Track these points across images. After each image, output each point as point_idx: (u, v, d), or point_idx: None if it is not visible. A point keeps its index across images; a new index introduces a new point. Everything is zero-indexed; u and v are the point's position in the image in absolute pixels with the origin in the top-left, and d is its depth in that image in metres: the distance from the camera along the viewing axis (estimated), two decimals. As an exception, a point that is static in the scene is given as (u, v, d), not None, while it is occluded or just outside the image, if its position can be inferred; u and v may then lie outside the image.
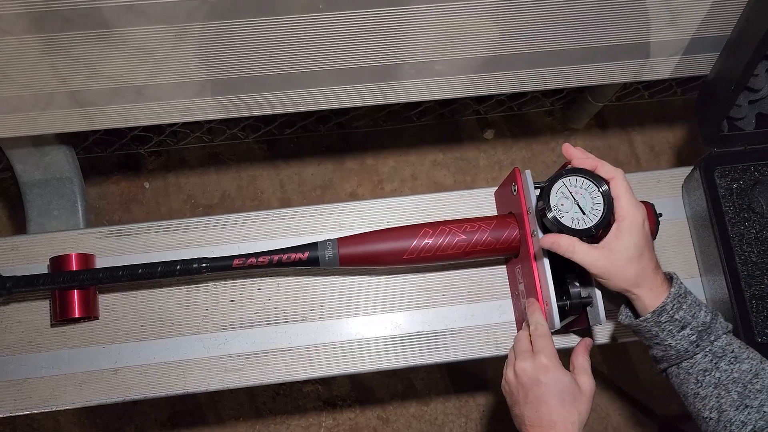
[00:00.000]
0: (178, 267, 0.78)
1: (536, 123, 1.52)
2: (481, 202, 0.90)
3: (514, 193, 0.79)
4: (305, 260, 0.79)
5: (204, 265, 0.78)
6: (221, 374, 0.82)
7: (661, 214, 0.82)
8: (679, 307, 0.66)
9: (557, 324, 0.72)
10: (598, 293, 0.73)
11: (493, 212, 0.89)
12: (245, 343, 0.83)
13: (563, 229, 0.68)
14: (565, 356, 0.71)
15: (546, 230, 0.72)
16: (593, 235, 0.69)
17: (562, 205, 0.70)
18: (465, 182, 1.43)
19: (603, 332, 0.85)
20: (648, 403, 1.39)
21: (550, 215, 0.69)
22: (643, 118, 1.54)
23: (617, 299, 0.73)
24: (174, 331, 0.83)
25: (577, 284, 0.76)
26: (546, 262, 0.73)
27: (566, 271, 0.78)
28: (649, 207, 0.82)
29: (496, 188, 0.89)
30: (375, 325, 0.84)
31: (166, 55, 0.76)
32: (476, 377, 1.36)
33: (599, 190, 0.70)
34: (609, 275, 0.66)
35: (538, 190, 0.73)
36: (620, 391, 1.40)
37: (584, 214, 0.70)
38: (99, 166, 1.39)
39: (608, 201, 0.70)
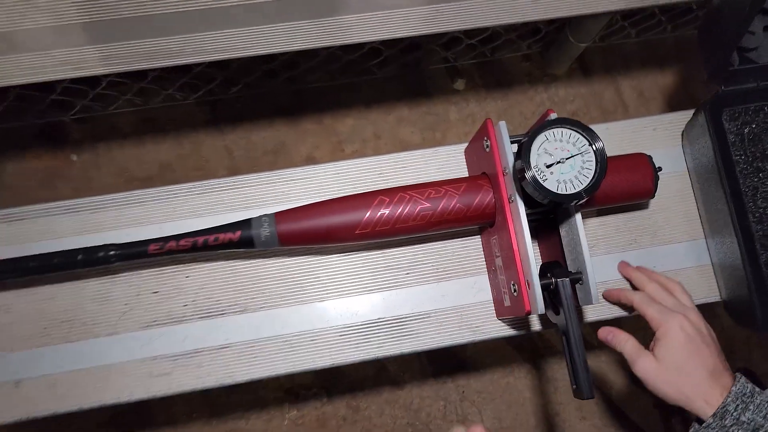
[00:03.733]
0: (80, 257, 0.66)
1: (512, 70, 1.38)
2: (449, 162, 0.77)
3: (487, 149, 0.66)
4: (237, 241, 0.66)
5: (112, 253, 0.66)
6: (146, 381, 0.70)
7: (660, 168, 0.71)
8: (745, 408, 0.57)
9: (541, 307, 0.60)
10: (589, 267, 0.61)
11: (465, 173, 0.77)
12: (174, 341, 0.71)
13: (546, 194, 0.56)
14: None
15: (525, 194, 0.60)
16: (583, 201, 0.57)
17: (545, 164, 0.58)
18: (434, 139, 1.30)
19: (594, 310, 0.73)
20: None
21: (529, 176, 0.57)
22: (630, 60, 1.41)
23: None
24: (86, 333, 0.71)
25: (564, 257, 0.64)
26: (526, 231, 0.60)
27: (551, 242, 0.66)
28: (646, 159, 0.71)
29: (467, 145, 0.76)
30: (328, 313, 0.72)
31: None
32: (455, 356, 1.25)
33: (591, 146, 0.58)
34: (657, 385, 0.61)
35: (516, 146, 0.61)
36: (610, 362, 1.30)
37: (573, 175, 0.58)
38: (15, 138, 1.21)
39: (601, 159, 0.57)
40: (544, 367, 1.27)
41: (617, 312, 0.73)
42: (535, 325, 0.72)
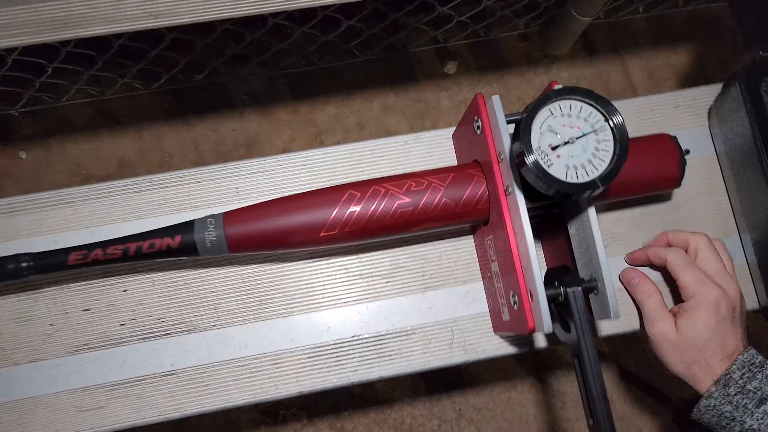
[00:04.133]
0: (-16, 271, 0.56)
1: (509, 50, 1.28)
2: (435, 149, 0.67)
3: (478, 132, 0.56)
4: (177, 248, 0.56)
5: (24, 264, 0.56)
6: (75, 416, 0.60)
7: (687, 151, 0.61)
8: (752, 377, 0.52)
9: (548, 324, 0.49)
10: (605, 273, 0.51)
11: (453, 162, 0.66)
12: (109, 368, 0.61)
13: (552, 183, 0.45)
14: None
15: (526, 184, 0.49)
16: (599, 191, 0.46)
17: (549, 145, 0.47)
18: (424, 128, 1.18)
19: (611, 322, 0.63)
20: (659, 385, 1.18)
21: (530, 161, 0.46)
22: (638, 37, 1.30)
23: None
24: (4, 360, 0.61)
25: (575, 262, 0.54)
26: (528, 229, 0.50)
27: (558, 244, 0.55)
28: (670, 141, 0.60)
29: (455, 129, 0.66)
30: (293, 331, 0.62)
31: None
32: (450, 370, 1.14)
33: (608, 122, 0.47)
34: (667, 356, 0.56)
35: (513, 126, 0.50)
36: (625, 372, 1.19)
37: (585, 158, 0.47)
38: (-45, 135, 1.12)
39: (621, 137, 0.46)
40: (549, 381, 1.17)
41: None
42: (540, 341, 0.62)
